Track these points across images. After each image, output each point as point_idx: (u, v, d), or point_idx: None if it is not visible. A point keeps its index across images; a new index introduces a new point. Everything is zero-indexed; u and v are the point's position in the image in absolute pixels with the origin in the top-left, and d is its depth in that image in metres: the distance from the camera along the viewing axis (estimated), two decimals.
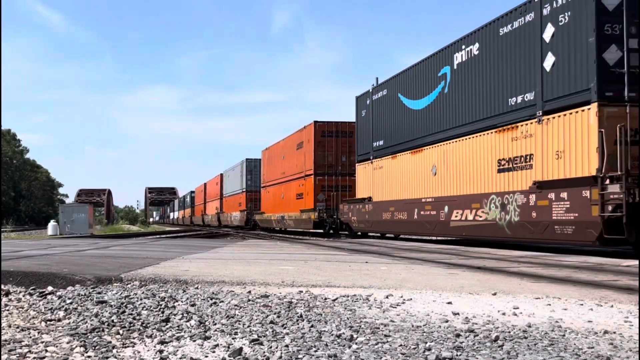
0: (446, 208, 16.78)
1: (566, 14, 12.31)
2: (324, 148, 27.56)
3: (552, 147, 12.70)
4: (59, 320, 4.56)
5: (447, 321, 4.46)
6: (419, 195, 18.52)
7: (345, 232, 25.18)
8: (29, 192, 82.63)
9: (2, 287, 6.29)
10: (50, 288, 6.27)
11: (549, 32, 12.82)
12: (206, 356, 3.47)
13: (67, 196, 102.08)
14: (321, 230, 27.61)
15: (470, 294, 6.04)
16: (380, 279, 7.35)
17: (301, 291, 6.03)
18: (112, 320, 4.39)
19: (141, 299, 5.37)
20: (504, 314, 4.82)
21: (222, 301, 5.30)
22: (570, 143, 12.18)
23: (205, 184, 64.45)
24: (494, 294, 6.01)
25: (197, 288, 6.30)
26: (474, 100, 15.73)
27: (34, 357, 3.40)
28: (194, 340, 3.82)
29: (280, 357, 3.40)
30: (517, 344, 3.70)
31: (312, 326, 4.21)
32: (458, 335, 3.93)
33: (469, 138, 15.93)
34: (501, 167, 14.50)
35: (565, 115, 12.34)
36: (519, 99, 13.87)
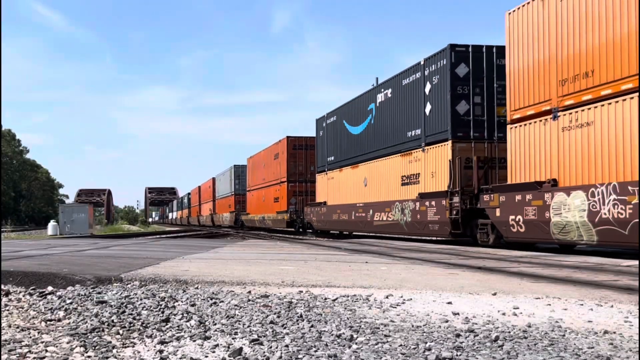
0: (371, 211, 21.94)
1: (436, 77, 17.54)
2: (295, 159, 32.35)
3: (429, 169, 18.05)
4: (59, 320, 4.56)
5: (447, 321, 4.46)
6: (355, 201, 23.60)
7: (310, 230, 29.68)
8: (29, 192, 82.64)
9: (2, 287, 6.29)
10: (50, 288, 6.27)
11: (427, 87, 18.16)
12: (206, 356, 3.47)
13: (67, 196, 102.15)
14: (293, 229, 31.98)
15: (470, 294, 6.05)
16: (380, 279, 7.35)
17: (301, 291, 6.03)
18: (112, 320, 4.39)
19: (141, 299, 5.37)
20: (504, 314, 4.82)
21: (222, 301, 5.30)
22: (438, 167, 17.49)
23: (199, 187, 68.73)
24: (494, 294, 6.01)
25: (197, 288, 6.30)
26: (388, 130, 20.99)
27: (34, 357, 3.40)
28: (194, 340, 3.82)
29: (280, 357, 3.40)
30: (517, 344, 3.70)
31: (312, 326, 4.21)
32: (458, 335, 3.93)
33: (386, 159, 21.14)
34: (403, 182, 19.78)
35: (436, 147, 17.60)
36: (413, 133, 19.11)
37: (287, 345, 3.64)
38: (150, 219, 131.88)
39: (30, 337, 3.90)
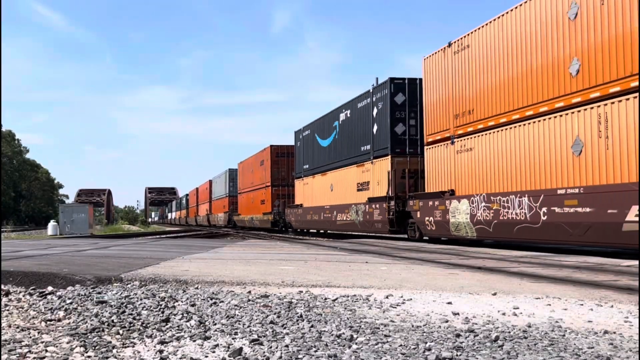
0: (335, 212, 26.01)
1: (380, 103, 21.47)
2: (278, 166, 36.20)
3: (376, 178, 21.95)
4: (59, 320, 4.56)
5: (447, 321, 4.46)
6: (323, 204, 27.64)
7: (290, 229, 33.67)
8: (29, 192, 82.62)
9: (2, 287, 6.29)
10: (50, 288, 6.27)
11: (375, 111, 21.98)
12: (206, 356, 3.47)
13: (67, 196, 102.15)
14: (277, 228, 35.65)
15: (470, 294, 6.05)
16: (380, 279, 7.35)
17: (301, 291, 6.03)
18: (112, 320, 4.39)
19: (141, 299, 5.37)
20: (504, 314, 4.82)
21: (222, 301, 5.30)
22: (382, 177, 21.27)
23: (197, 188, 72.32)
24: (494, 294, 6.01)
25: (197, 288, 6.30)
26: (348, 145, 24.81)
27: (34, 357, 3.40)
28: (194, 340, 3.82)
29: (280, 357, 3.40)
30: (517, 344, 3.70)
31: (312, 326, 4.21)
32: (458, 335, 3.93)
33: (346, 168, 24.94)
34: (358, 188, 23.74)
35: (381, 160, 21.46)
36: (365, 147, 22.86)
37: (287, 345, 3.64)
38: (149, 219, 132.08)
39: (30, 337, 3.90)
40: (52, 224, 34.33)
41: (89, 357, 3.45)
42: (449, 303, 5.37)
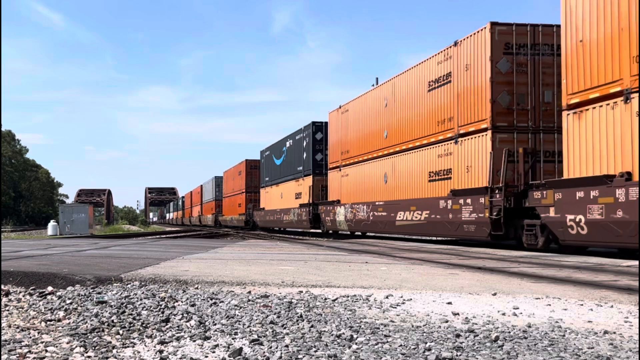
0: (282, 214, 34.95)
1: (307, 137, 29.93)
2: (251, 176, 44.93)
3: (305, 190, 31.00)
4: (59, 320, 4.56)
5: (447, 321, 4.46)
6: (277, 208, 36.78)
7: (257, 227, 42.38)
8: (29, 192, 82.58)
9: (2, 287, 6.29)
10: (50, 288, 6.27)
11: (304, 143, 30.60)
12: (206, 356, 3.47)
13: (67, 196, 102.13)
14: (248, 227, 44.26)
15: (470, 294, 6.05)
16: (380, 279, 7.35)
17: (301, 291, 6.03)
18: (112, 321, 4.39)
19: (141, 299, 5.37)
20: (504, 314, 4.82)
21: (222, 301, 5.30)
22: (307, 189, 30.62)
23: (191, 192, 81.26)
24: (494, 294, 6.01)
25: (197, 288, 6.30)
26: (291, 165, 33.71)
27: (34, 357, 3.40)
28: (194, 341, 3.82)
29: (280, 357, 3.40)
30: (517, 344, 3.70)
31: (312, 326, 4.21)
32: (458, 336, 3.93)
33: (289, 182, 33.98)
34: (296, 197, 32.29)
35: (307, 178, 29.76)
36: (299, 168, 31.53)
37: (287, 346, 3.64)
38: (149, 220, 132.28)
39: (30, 337, 3.90)
40: (52, 224, 34.32)
41: (89, 357, 3.44)
42: (449, 303, 5.37)
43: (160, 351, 3.56)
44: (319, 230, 29.65)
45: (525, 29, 15.33)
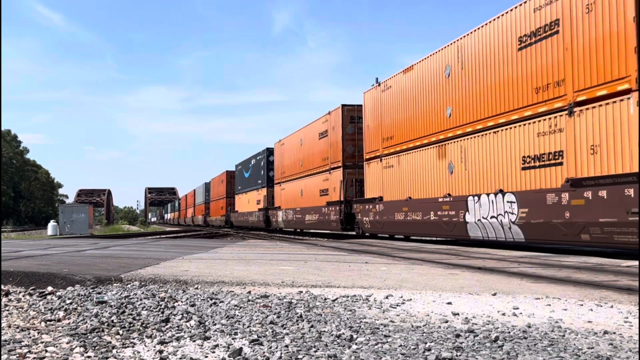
0: (248, 216, 43.60)
1: (263, 160, 38.92)
2: (230, 184, 52.72)
3: (260, 199, 40.60)
4: (59, 320, 4.56)
5: (447, 321, 4.46)
6: (245, 210, 44.77)
7: (234, 226, 50.06)
8: (28, 192, 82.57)
9: (2, 287, 6.29)
10: (50, 288, 6.27)
11: (262, 163, 39.19)
12: (206, 356, 3.47)
13: (67, 196, 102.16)
14: (227, 226, 52.22)
15: (470, 294, 6.05)
16: (380, 279, 7.35)
17: (301, 291, 6.03)
18: (112, 321, 4.39)
19: (141, 299, 5.37)
20: (503, 314, 4.82)
21: (222, 301, 5.30)
22: (257, 199, 42.64)
23: (186, 195, 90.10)
24: (494, 294, 6.01)
25: (197, 288, 6.30)
26: (254, 178, 41.94)
27: (34, 357, 3.40)
28: (194, 341, 3.82)
29: (280, 357, 3.40)
30: (517, 344, 3.70)
31: (312, 326, 4.21)
32: (458, 336, 3.93)
33: (253, 192, 42.06)
34: (256, 202, 41.29)
35: (263, 189, 39.27)
36: (259, 182, 40.17)
37: (287, 346, 3.64)
38: (148, 220, 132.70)
39: (30, 337, 3.90)
40: (52, 224, 34.32)
41: (88, 357, 3.44)
42: (449, 303, 5.37)
43: (160, 351, 3.56)
44: (270, 228, 37.90)
45: (361, 107, 22.96)
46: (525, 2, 13.89)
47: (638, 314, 4.82)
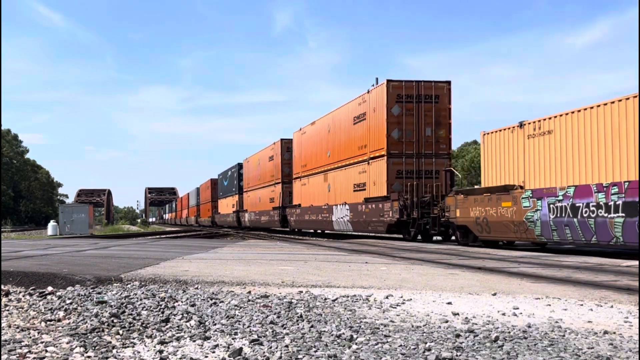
0: (225, 217, 53.93)
1: (236, 172, 48.69)
2: (215, 190, 60.79)
3: (235, 202, 50.17)
4: (59, 320, 4.56)
5: (447, 321, 4.46)
6: (225, 212, 53.73)
7: (217, 225, 57.59)
8: (28, 192, 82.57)
9: (2, 287, 6.29)
10: (50, 288, 6.27)
11: (235, 174, 48.62)
12: (206, 356, 3.47)
13: (67, 196, 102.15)
14: (214, 226, 58.31)
15: (470, 294, 6.05)
16: (380, 279, 7.35)
17: (301, 291, 6.03)
18: (112, 321, 4.39)
19: (141, 299, 5.37)
20: (503, 314, 4.82)
21: (222, 301, 5.30)
22: (232, 204, 52.57)
23: (181, 198, 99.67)
24: (494, 294, 6.01)
25: (197, 288, 6.30)
26: (229, 187, 52.18)
27: (34, 357, 3.40)
28: (194, 341, 3.82)
29: (280, 357, 3.40)
30: (517, 344, 3.70)
31: (312, 326, 4.21)
32: (458, 336, 3.93)
33: (228, 198, 52.66)
34: (232, 206, 50.76)
35: (238, 195, 48.24)
36: (233, 189, 49.69)
37: (287, 346, 3.64)
38: (149, 220, 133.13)
39: (30, 337, 3.90)
40: (52, 224, 34.31)
41: (88, 357, 3.44)
42: (449, 303, 5.37)
43: (160, 351, 3.56)
44: (241, 226, 46.98)
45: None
46: (355, 99, 24.27)
47: (638, 314, 4.82)
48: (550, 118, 14.35)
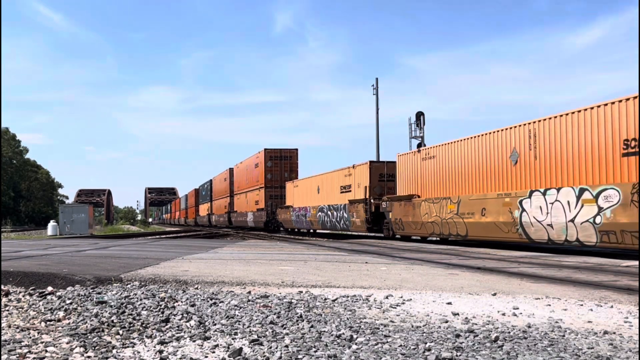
0: (204, 218, 68.50)
1: (209, 186, 64.15)
2: (196, 198, 72.35)
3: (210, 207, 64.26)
4: (59, 320, 4.56)
5: (447, 321, 4.46)
6: (203, 214, 69.08)
7: (200, 225, 66.65)
8: (28, 192, 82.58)
9: (2, 287, 6.29)
10: (50, 288, 6.27)
11: (209, 188, 64.36)
12: (206, 356, 3.47)
13: (67, 197, 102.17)
14: (196, 225, 69.37)
15: (470, 294, 6.05)
16: (380, 280, 7.35)
17: (301, 291, 6.03)
18: (112, 321, 4.39)
19: (141, 300, 5.37)
20: (503, 314, 4.82)
21: (222, 301, 5.30)
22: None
23: (175, 202, 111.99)
24: (494, 294, 6.01)
25: (197, 288, 6.30)
26: (206, 196, 66.65)
27: (34, 357, 3.40)
28: (194, 341, 3.82)
29: (280, 357, 3.40)
30: (517, 345, 3.70)
31: (312, 326, 4.21)
32: (458, 336, 3.93)
33: (205, 204, 67.71)
34: (207, 211, 67.38)
35: (206, 203, 65.86)
36: (208, 198, 64.61)
37: (287, 346, 3.64)
38: (149, 220, 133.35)
39: (30, 338, 3.90)
40: (51, 224, 34.30)
41: (88, 357, 3.44)
42: (449, 303, 5.37)
43: (160, 351, 3.56)
44: (211, 225, 56.86)
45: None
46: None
47: (638, 314, 4.82)
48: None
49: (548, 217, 13.65)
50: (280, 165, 40.45)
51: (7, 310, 5.02)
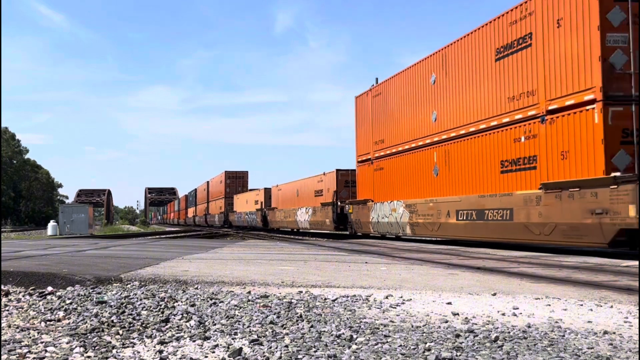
0: (194, 219, 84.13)
1: (195, 193, 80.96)
2: (186, 202, 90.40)
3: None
4: (59, 320, 4.56)
5: (446, 321, 4.46)
6: (192, 216, 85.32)
7: (194, 224, 77.36)
8: (28, 192, 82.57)
9: (2, 287, 6.29)
10: (50, 288, 6.27)
11: (196, 194, 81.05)
12: (206, 356, 3.47)
13: (67, 196, 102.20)
14: (186, 225, 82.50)
15: (470, 294, 6.05)
16: (380, 279, 7.35)
17: (301, 291, 6.03)
18: (112, 321, 4.39)
19: (141, 299, 5.37)
20: (503, 314, 4.82)
21: (222, 301, 5.30)
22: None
23: (170, 204, 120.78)
24: (494, 294, 6.01)
25: (196, 288, 6.30)
26: (193, 201, 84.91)
27: (34, 357, 3.40)
28: (194, 341, 3.82)
29: (280, 357, 3.40)
30: (517, 345, 3.70)
31: (311, 326, 4.21)
32: (458, 336, 3.93)
33: (192, 207, 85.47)
34: (196, 213, 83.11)
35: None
36: (194, 204, 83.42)
37: (286, 346, 3.64)
38: (149, 220, 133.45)
39: (30, 337, 3.90)
40: (51, 224, 34.31)
41: (88, 357, 3.44)
42: (449, 303, 5.37)
43: (160, 351, 3.56)
44: (195, 223, 67.69)
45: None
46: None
47: (638, 314, 4.82)
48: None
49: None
50: (236, 182, 58.72)
51: (7, 310, 5.02)
